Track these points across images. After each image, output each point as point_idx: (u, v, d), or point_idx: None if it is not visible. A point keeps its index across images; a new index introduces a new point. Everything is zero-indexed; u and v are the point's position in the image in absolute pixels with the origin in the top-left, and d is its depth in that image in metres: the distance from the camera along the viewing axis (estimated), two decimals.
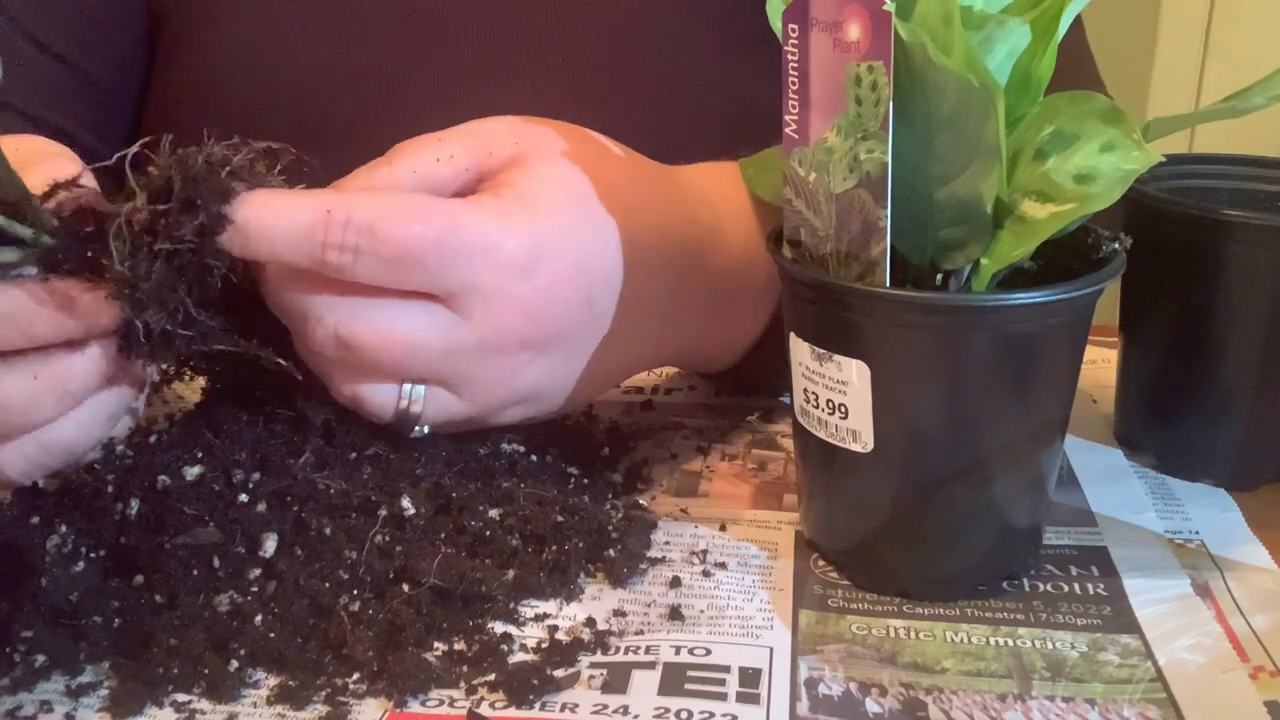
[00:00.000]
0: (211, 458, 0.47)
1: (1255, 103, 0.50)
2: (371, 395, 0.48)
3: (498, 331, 0.48)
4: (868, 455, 0.46)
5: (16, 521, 0.47)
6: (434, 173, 0.49)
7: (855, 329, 0.45)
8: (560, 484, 0.52)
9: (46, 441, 0.46)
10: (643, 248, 0.51)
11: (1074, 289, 0.45)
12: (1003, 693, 0.43)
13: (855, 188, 0.45)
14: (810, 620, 0.47)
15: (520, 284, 0.47)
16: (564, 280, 0.49)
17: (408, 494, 0.48)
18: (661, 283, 0.53)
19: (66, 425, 0.46)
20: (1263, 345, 0.54)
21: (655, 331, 0.54)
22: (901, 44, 0.42)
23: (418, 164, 0.49)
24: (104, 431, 0.47)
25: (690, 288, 0.55)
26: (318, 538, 0.46)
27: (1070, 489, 0.57)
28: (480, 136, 0.50)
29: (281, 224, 0.45)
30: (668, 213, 0.54)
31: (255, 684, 0.43)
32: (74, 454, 0.47)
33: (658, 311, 0.53)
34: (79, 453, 0.47)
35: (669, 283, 0.53)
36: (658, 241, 0.52)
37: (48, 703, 0.42)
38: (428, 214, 0.46)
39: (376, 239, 0.45)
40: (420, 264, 0.46)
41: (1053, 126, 0.47)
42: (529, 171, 0.49)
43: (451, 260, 0.46)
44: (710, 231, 0.56)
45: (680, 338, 0.57)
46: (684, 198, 0.55)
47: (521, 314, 0.48)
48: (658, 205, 0.54)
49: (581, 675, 0.43)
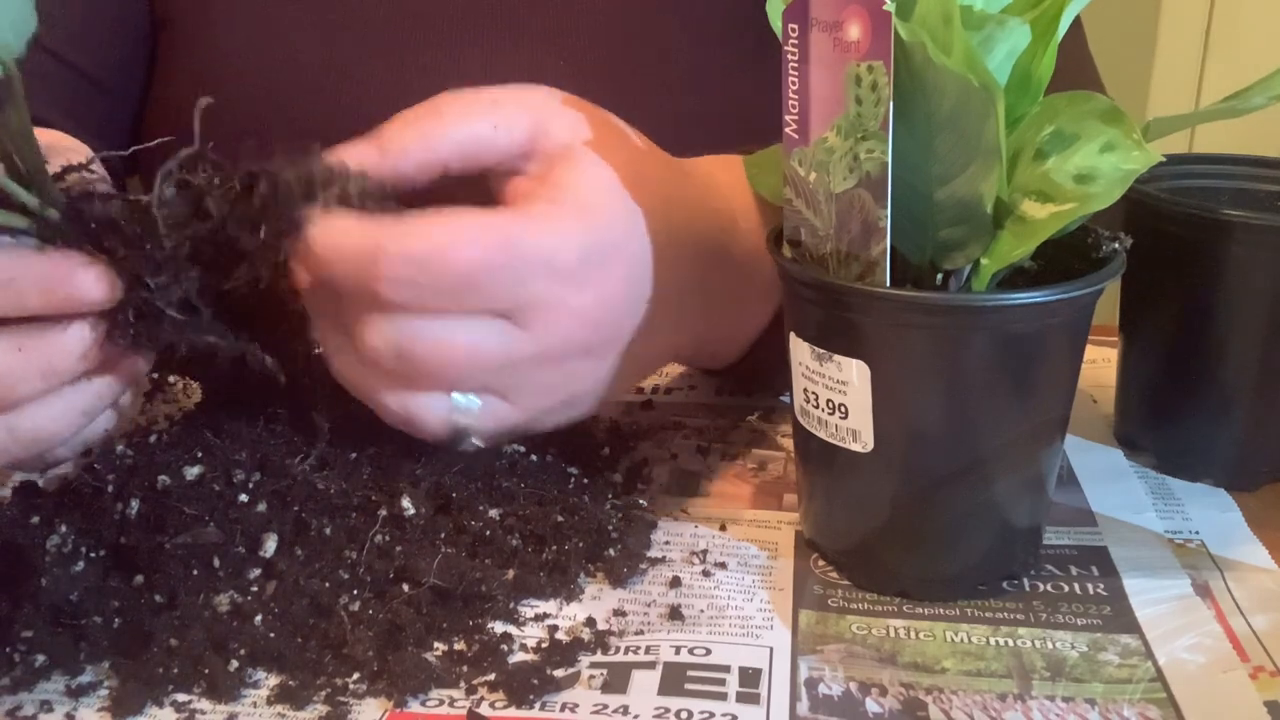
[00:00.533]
0: (211, 458, 0.47)
1: (1255, 103, 0.50)
2: (424, 409, 0.47)
3: (559, 341, 0.47)
4: (868, 455, 0.46)
5: (16, 521, 0.47)
6: (490, 141, 0.48)
7: (855, 329, 0.45)
8: (560, 484, 0.52)
9: (16, 427, 0.45)
10: (677, 242, 0.51)
11: (1074, 289, 0.45)
12: (1003, 693, 0.43)
13: (855, 188, 0.45)
14: (810, 620, 0.47)
15: (578, 294, 0.47)
16: (619, 286, 0.48)
17: (408, 494, 0.48)
18: (690, 273, 0.53)
19: (39, 413, 0.45)
20: (1263, 345, 0.54)
21: (682, 323, 0.54)
22: (901, 44, 0.42)
23: (473, 128, 0.48)
24: (76, 427, 0.46)
25: (713, 277, 0.55)
26: (318, 538, 0.46)
27: (1070, 489, 0.57)
28: (534, 111, 0.49)
29: (336, 252, 0.44)
30: (694, 203, 0.54)
31: (255, 684, 0.43)
32: (41, 445, 0.46)
33: (685, 303, 0.53)
34: (46, 445, 0.46)
35: (696, 273, 0.53)
36: (688, 233, 0.52)
37: (48, 703, 0.42)
38: (482, 237, 0.45)
39: (431, 271, 0.44)
40: (477, 288, 0.45)
41: (1053, 126, 0.47)
42: (581, 171, 0.48)
43: (509, 279, 0.45)
44: (728, 222, 0.56)
45: (698, 329, 0.57)
46: (702, 188, 0.55)
47: (582, 323, 0.47)
48: (686, 195, 0.54)
49: (581, 675, 0.43)
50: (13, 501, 0.50)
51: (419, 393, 0.47)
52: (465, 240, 0.45)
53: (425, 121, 0.47)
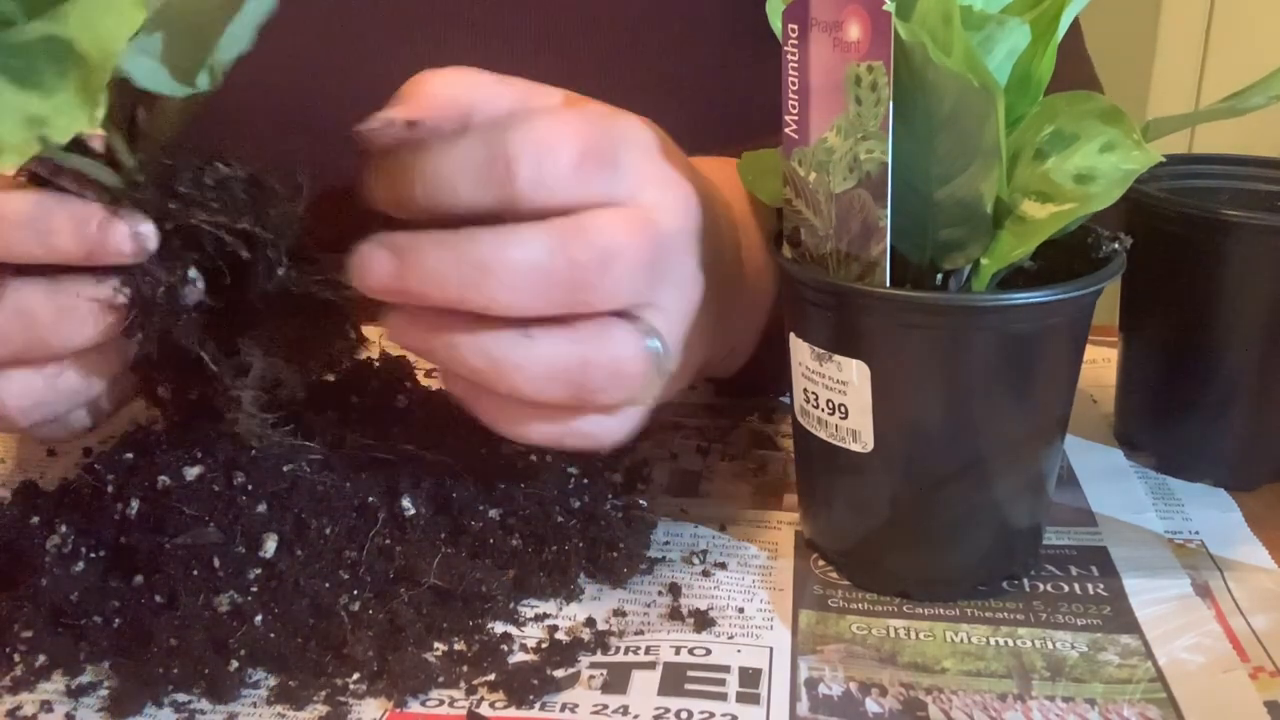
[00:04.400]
0: (211, 458, 0.47)
1: (1255, 103, 0.50)
2: (623, 344, 0.44)
3: (677, 214, 0.46)
4: (868, 455, 0.46)
5: (16, 521, 0.47)
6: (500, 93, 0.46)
7: (855, 329, 0.45)
8: (560, 484, 0.52)
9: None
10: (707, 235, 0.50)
11: (1074, 289, 0.45)
12: (1003, 693, 0.43)
13: (855, 188, 0.45)
14: (810, 620, 0.47)
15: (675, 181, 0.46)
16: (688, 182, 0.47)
17: (408, 494, 0.48)
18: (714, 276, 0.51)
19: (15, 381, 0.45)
20: (1263, 345, 0.54)
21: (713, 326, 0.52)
22: (901, 44, 0.42)
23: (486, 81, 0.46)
24: (51, 410, 0.46)
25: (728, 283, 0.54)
26: (318, 538, 0.46)
27: (1070, 489, 0.57)
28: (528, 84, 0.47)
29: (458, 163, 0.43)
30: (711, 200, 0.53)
31: (255, 684, 0.43)
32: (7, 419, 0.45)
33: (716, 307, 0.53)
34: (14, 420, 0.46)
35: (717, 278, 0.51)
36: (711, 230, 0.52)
37: (48, 703, 0.42)
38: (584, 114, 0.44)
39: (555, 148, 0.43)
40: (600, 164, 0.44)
41: (1053, 126, 0.47)
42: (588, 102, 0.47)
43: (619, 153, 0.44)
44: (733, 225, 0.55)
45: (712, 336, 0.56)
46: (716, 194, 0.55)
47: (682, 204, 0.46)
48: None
49: (581, 675, 0.43)
50: (13, 501, 0.50)
51: (607, 333, 0.45)
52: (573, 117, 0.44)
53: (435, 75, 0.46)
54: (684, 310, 0.47)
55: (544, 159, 0.43)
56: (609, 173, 0.44)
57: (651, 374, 0.46)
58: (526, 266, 0.42)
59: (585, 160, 0.43)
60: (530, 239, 0.43)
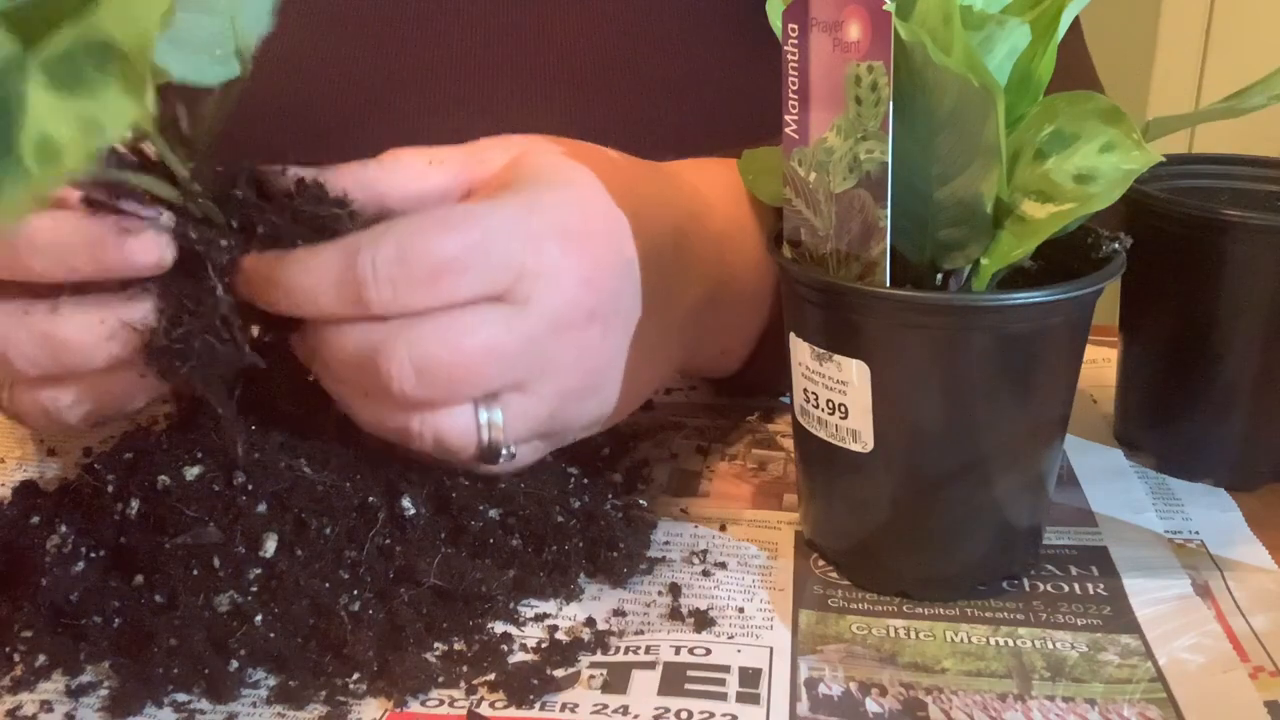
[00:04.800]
0: (211, 458, 0.47)
1: (1255, 103, 0.50)
2: (452, 426, 0.46)
3: (562, 304, 0.47)
4: (868, 455, 0.46)
5: (16, 521, 0.47)
6: (425, 175, 0.48)
7: (855, 329, 0.45)
8: (560, 484, 0.52)
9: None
10: (650, 216, 0.51)
11: (1074, 289, 0.45)
12: (1003, 693, 0.43)
13: (855, 188, 0.45)
14: (810, 620, 0.47)
15: (564, 256, 0.47)
16: (601, 241, 0.48)
17: (408, 494, 0.48)
18: (675, 280, 0.52)
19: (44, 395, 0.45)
20: (1263, 345, 0.54)
21: (674, 332, 0.54)
22: (901, 44, 0.42)
23: (410, 166, 0.48)
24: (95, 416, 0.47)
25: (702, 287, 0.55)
26: (318, 538, 0.46)
27: (1070, 489, 0.57)
28: (473, 149, 0.50)
29: (315, 280, 0.44)
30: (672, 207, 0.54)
31: (255, 684, 0.43)
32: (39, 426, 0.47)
33: (677, 310, 0.53)
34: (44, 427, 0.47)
35: (682, 281, 0.53)
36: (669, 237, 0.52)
37: (48, 703, 0.42)
38: (448, 220, 0.45)
39: (410, 264, 0.44)
40: (464, 269, 0.44)
41: (1053, 126, 0.47)
42: (528, 160, 0.49)
43: (491, 253, 0.45)
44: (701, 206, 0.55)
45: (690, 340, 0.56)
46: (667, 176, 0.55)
47: (576, 282, 0.47)
48: (663, 198, 0.53)
49: (581, 675, 0.43)
50: (13, 501, 0.50)
51: (444, 409, 0.46)
52: (435, 225, 0.45)
53: (366, 166, 0.48)
54: (559, 386, 0.48)
55: (396, 277, 0.44)
56: (474, 274, 0.45)
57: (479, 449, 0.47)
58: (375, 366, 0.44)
59: (443, 271, 0.44)
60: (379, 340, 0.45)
